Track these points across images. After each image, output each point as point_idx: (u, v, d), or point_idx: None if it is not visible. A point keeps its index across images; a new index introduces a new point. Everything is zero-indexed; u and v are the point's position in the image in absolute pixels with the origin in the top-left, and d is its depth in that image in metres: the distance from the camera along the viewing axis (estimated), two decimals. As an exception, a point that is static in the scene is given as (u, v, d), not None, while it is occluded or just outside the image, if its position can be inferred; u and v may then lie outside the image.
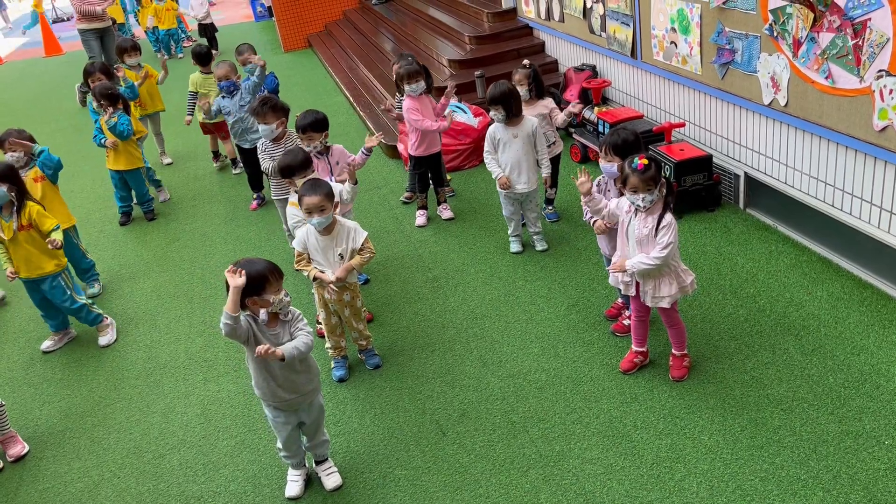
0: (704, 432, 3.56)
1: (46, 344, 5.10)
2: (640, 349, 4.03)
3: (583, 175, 3.74)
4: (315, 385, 3.45)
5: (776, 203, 5.15)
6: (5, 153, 5.23)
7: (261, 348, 3.07)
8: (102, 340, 5.06)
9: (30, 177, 5.26)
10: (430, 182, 6.04)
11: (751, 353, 4.03)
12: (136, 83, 7.25)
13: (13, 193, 4.62)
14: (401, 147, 7.07)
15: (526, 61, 5.58)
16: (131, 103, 7.01)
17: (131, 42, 7.90)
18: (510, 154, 5.01)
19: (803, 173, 4.82)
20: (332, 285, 4.01)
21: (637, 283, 3.76)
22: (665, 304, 3.71)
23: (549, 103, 5.44)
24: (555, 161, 5.51)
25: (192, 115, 7.52)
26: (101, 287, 5.78)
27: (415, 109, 5.59)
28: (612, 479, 3.40)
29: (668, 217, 3.57)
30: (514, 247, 5.39)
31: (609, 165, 3.89)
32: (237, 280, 3.02)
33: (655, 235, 3.56)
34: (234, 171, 7.79)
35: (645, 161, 3.46)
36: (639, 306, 3.87)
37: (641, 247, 3.63)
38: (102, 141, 6.40)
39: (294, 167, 4.33)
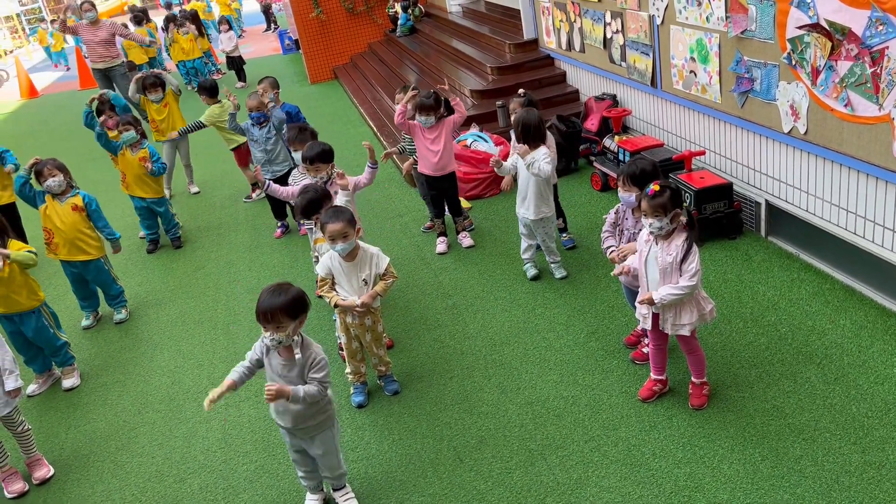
0: (724, 461, 3.52)
1: (31, 388, 4.99)
2: (659, 377, 4.01)
3: (619, 268, 3.85)
4: (318, 422, 3.39)
5: (798, 231, 5.12)
6: (45, 180, 5.38)
7: (270, 387, 3.15)
8: (67, 383, 5.00)
9: (69, 203, 5.41)
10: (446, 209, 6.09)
11: (772, 381, 3.99)
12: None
13: None
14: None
15: (521, 90, 5.63)
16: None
17: (153, 78, 8.07)
18: (520, 178, 5.09)
19: (825, 201, 4.80)
20: (356, 310, 4.05)
21: (655, 314, 3.75)
22: (685, 331, 3.70)
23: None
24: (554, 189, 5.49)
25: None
26: (128, 313, 5.89)
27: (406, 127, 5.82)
28: (629, 507, 3.37)
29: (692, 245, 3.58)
30: (530, 272, 5.40)
31: (627, 195, 3.93)
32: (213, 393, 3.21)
33: (681, 263, 3.56)
34: (243, 200, 8.01)
35: (657, 187, 3.49)
36: (657, 335, 3.86)
37: (665, 276, 3.62)
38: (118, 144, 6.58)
39: (315, 204, 4.33)
